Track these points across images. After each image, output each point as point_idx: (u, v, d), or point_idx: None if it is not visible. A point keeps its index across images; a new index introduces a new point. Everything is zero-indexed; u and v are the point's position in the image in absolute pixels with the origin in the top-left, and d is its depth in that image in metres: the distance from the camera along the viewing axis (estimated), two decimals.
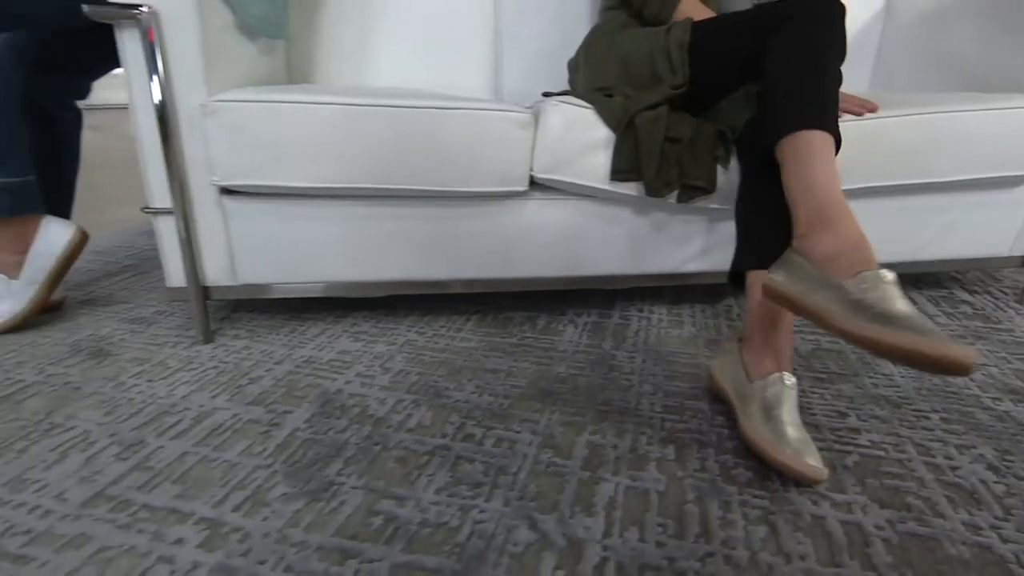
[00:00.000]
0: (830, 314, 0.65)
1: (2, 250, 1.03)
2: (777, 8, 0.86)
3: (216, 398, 0.87)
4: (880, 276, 0.64)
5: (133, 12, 0.84)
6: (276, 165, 0.91)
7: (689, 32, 1.00)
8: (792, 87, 0.81)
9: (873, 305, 0.62)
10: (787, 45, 0.84)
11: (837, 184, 0.73)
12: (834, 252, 0.69)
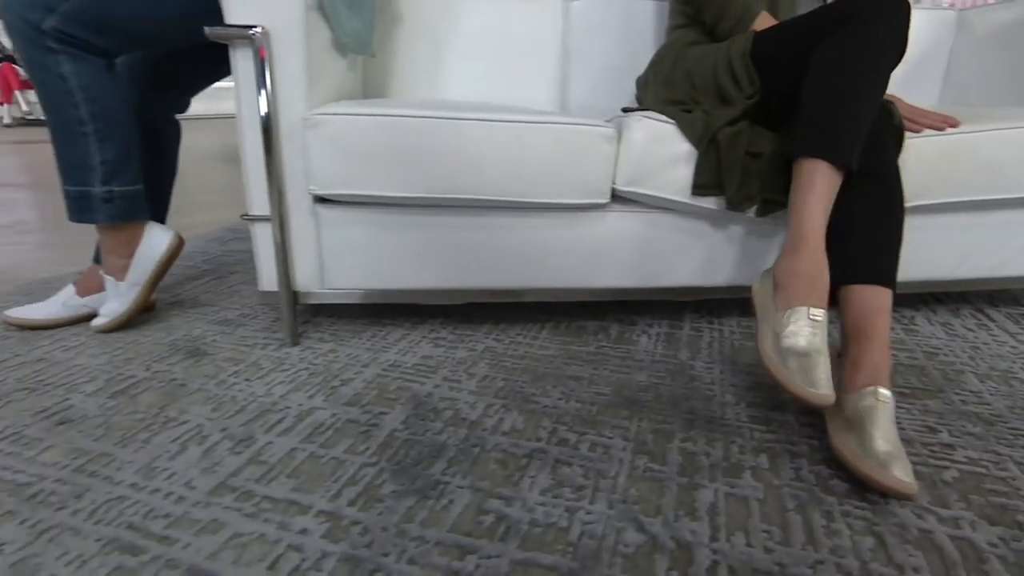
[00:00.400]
0: (760, 335, 0.85)
1: (112, 254, 1.09)
2: (840, 6, 0.87)
3: (312, 398, 0.91)
4: (805, 313, 0.79)
5: (249, 32, 0.89)
6: (371, 175, 0.96)
7: (751, 41, 1.02)
8: (816, 110, 0.87)
9: (783, 337, 0.79)
10: (829, 56, 0.86)
11: (820, 217, 0.85)
12: (789, 277, 0.84)
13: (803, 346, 0.81)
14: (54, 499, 0.68)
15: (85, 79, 0.95)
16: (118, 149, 1.02)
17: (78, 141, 0.98)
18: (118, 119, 1.00)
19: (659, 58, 1.22)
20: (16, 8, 0.90)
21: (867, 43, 0.84)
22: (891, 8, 0.84)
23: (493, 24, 1.42)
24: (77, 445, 0.78)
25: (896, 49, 0.85)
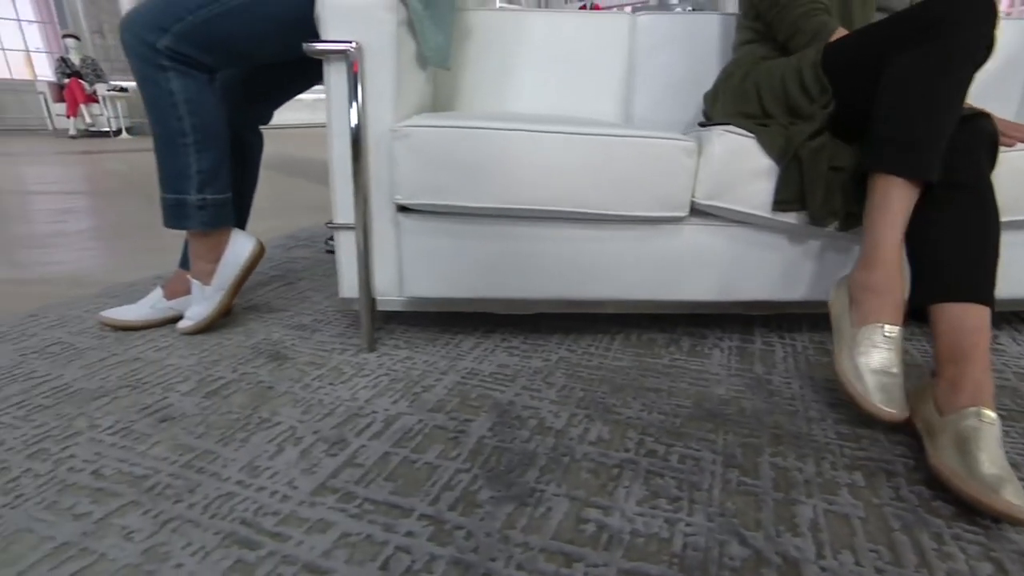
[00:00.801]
0: (836, 350, 0.89)
1: (200, 259, 1.14)
2: (922, 11, 0.86)
3: (397, 403, 0.92)
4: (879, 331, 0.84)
5: (345, 47, 0.92)
6: (454, 185, 0.98)
7: (821, 51, 1.01)
8: (892, 121, 0.87)
9: (857, 354, 0.84)
10: (907, 64, 0.85)
11: (896, 233, 0.86)
12: (863, 293, 0.87)
13: (877, 364, 0.83)
14: (170, 492, 0.71)
15: (190, 94, 1.00)
16: (213, 159, 1.06)
17: (179, 152, 1.03)
18: (216, 131, 1.05)
19: (728, 72, 1.22)
20: (135, 29, 0.95)
21: (952, 50, 0.83)
22: (981, 12, 0.82)
23: (560, 38, 1.44)
24: (181, 442, 0.81)
25: (982, 57, 0.84)
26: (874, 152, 0.88)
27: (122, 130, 7.31)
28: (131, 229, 2.17)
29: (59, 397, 0.93)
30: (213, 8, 0.95)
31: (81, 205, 2.67)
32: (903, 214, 0.87)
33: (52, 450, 0.79)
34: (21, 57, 9.36)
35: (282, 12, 0.98)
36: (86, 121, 7.02)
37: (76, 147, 5.80)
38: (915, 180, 0.85)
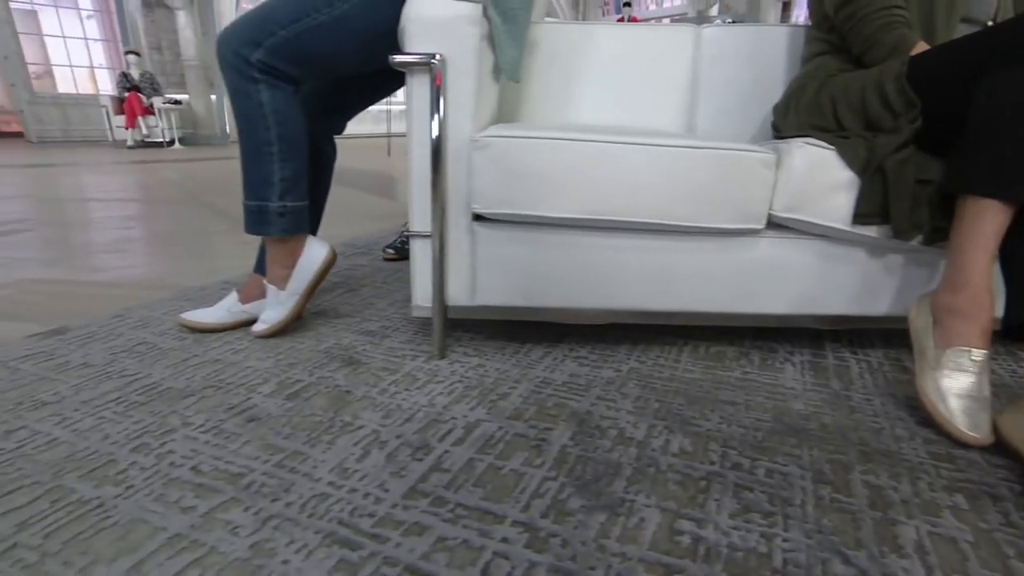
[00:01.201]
0: (918, 369, 0.92)
1: (276, 264, 1.17)
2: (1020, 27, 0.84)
3: (474, 410, 0.93)
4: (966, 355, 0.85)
5: (429, 60, 0.94)
6: (534, 196, 0.99)
7: (906, 64, 0.99)
8: (986, 141, 0.85)
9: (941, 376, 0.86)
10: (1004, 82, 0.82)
11: (985, 257, 0.85)
12: (948, 316, 0.88)
13: (963, 388, 0.83)
14: (266, 490, 0.73)
15: (278, 105, 1.03)
16: (295, 168, 1.09)
17: (264, 160, 1.06)
18: (299, 141, 1.08)
19: (800, 85, 1.20)
20: (231, 44, 0.99)
21: None
22: None
23: (624, 51, 1.44)
24: (270, 442, 0.83)
25: None
26: (966, 172, 0.86)
27: (175, 140, 7.59)
28: (192, 235, 2.24)
29: (151, 395, 0.97)
30: (304, 23, 0.99)
31: (143, 212, 2.78)
32: (995, 237, 0.85)
33: (152, 445, 0.82)
34: (86, 73, 9.83)
35: (368, 27, 1.01)
36: (142, 132, 7.31)
37: (133, 157, 6.04)
38: (1010, 202, 0.83)
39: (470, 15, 0.96)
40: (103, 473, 0.76)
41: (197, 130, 8.26)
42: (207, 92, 8.27)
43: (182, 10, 7.66)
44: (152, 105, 7.32)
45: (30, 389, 0.99)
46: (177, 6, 7.58)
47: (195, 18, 7.91)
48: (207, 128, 8.38)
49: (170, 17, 8.00)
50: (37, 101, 8.02)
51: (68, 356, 1.12)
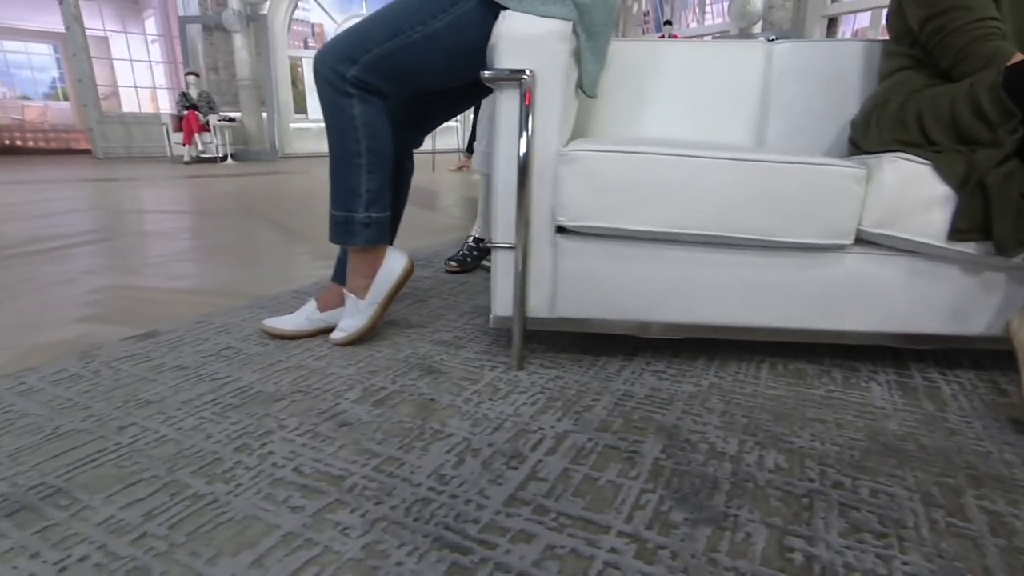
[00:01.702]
0: None
1: (358, 274, 1.20)
2: None
3: (561, 421, 0.93)
4: None
5: (521, 75, 0.96)
6: (620, 209, 0.99)
7: (1003, 74, 0.96)
8: None
9: None
10: None
11: None
12: None
13: None
14: (369, 493, 0.74)
15: (368, 118, 1.07)
16: (381, 180, 1.13)
17: (353, 171, 1.10)
18: (386, 154, 1.11)
19: (882, 100, 1.18)
20: (328, 60, 1.04)
21: None
22: None
23: (694, 67, 1.45)
24: (364, 446, 0.85)
25: None
26: None
27: (227, 156, 7.87)
28: (254, 246, 2.32)
29: (244, 398, 1.00)
30: (397, 41, 1.02)
31: (205, 224, 2.88)
32: None
33: (253, 446, 0.85)
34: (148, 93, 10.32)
35: (457, 44, 1.04)
36: (198, 148, 7.60)
37: (190, 171, 6.29)
38: None
39: (560, 31, 0.97)
40: (212, 471, 0.79)
41: (248, 146, 8.55)
42: (258, 110, 8.57)
43: (239, 33, 7.99)
44: (208, 122, 7.62)
45: (133, 388, 1.03)
46: (235, 29, 7.91)
47: (250, 40, 8.23)
48: (257, 144, 8.66)
49: (227, 39, 8.34)
50: (105, 120, 8.44)
51: (162, 358, 1.17)
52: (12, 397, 1.00)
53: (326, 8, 9.70)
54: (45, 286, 1.74)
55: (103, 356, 1.18)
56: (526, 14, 0.97)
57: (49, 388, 1.04)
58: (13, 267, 1.97)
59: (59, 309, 1.52)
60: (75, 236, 2.56)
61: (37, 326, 1.39)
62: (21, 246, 2.33)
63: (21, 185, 4.79)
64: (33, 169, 6.68)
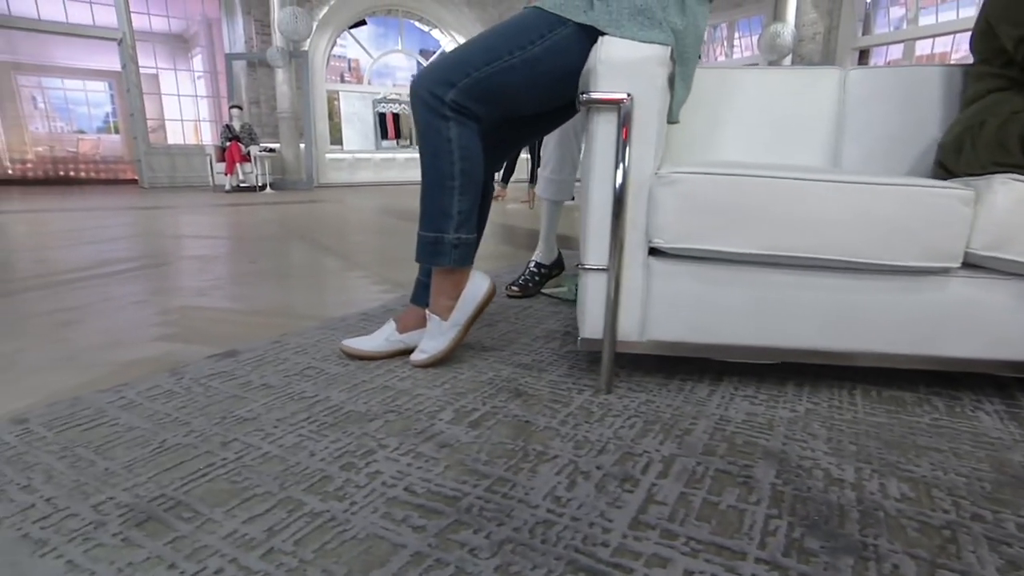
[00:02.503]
0: None
1: (442, 295, 1.20)
2: None
3: (664, 444, 0.91)
4: None
5: (621, 100, 0.97)
6: (719, 231, 0.98)
7: None
8: None
9: None
10: None
11: None
12: None
13: None
14: (488, 514, 0.72)
15: (464, 140, 1.09)
16: (471, 202, 1.14)
17: (445, 193, 1.11)
18: (478, 176, 1.13)
19: (977, 122, 1.17)
20: (427, 85, 1.06)
21: None
22: None
23: (766, 93, 1.45)
24: (471, 467, 0.84)
25: None
26: None
27: (267, 185, 8.07)
28: (310, 270, 2.35)
29: (337, 416, 1.00)
30: (496, 65, 1.04)
31: (258, 248, 2.94)
32: None
33: (358, 464, 0.84)
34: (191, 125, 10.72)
35: (554, 68, 1.06)
36: (239, 178, 7.83)
37: (233, 200, 6.46)
38: None
39: (660, 56, 0.98)
40: (322, 488, 0.78)
41: (285, 175, 8.77)
42: (296, 141, 8.81)
43: (281, 68, 8.28)
44: (249, 153, 7.85)
45: (227, 405, 1.04)
46: (278, 65, 8.20)
47: (291, 74, 8.52)
48: (294, 174, 8.89)
49: (269, 74, 8.65)
50: (152, 152, 8.76)
51: (247, 377, 1.18)
52: (116, 411, 1.01)
53: (363, 44, 10.03)
54: (120, 307, 1.78)
55: (191, 373, 1.19)
56: (625, 39, 0.99)
57: (147, 403, 1.05)
58: (88, 288, 2.02)
59: (138, 329, 1.55)
60: (137, 260, 2.63)
61: (122, 344, 1.41)
62: (90, 268, 2.40)
63: (79, 212, 4.97)
64: (86, 198, 6.93)
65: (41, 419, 0.98)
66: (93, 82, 12.31)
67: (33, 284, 2.09)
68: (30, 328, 1.55)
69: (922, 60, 8.04)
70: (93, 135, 12.80)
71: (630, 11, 1.00)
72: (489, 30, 1.09)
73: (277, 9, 8.02)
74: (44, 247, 2.97)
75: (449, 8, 9.94)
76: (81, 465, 0.84)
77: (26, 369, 1.25)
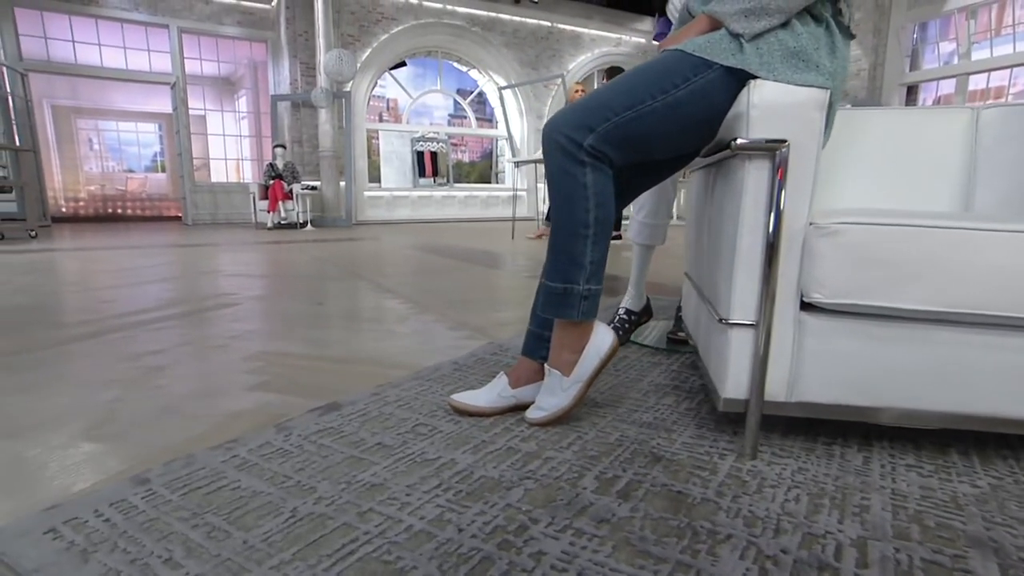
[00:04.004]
0: None
1: (565, 349, 1.15)
2: None
3: (844, 524, 0.83)
4: None
5: (780, 145, 0.92)
6: (886, 286, 0.92)
7: None
8: None
9: None
10: None
11: None
12: None
13: None
14: None
15: (599, 187, 1.05)
16: (603, 252, 1.09)
17: (578, 241, 1.07)
18: (610, 224, 1.08)
19: None
20: (564, 129, 1.03)
21: None
22: None
23: (893, 133, 1.39)
24: (641, 548, 0.77)
25: None
26: None
27: (307, 222, 8.23)
28: (377, 312, 2.32)
29: (471, 484, 0.94)
30: (638, 110, 1.01)
31: (319, 287, 2.94)
32: None
33: (516, 543, 0.78)
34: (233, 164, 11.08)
35: (696, 112, 1.02)
36: (281, 215, 7.99)
37: (277, 237, 6.58)
38: None
39: (818, 100, 0.94)
40: (485, 572, 0.72)
41: (324, 213, 8.95)
42: (336, 179, 9.01)
43: (325, 108, 8.54)
44: (292, 191, 8.04)
45: (347, 468, 0.99)
46: (322, 105, 8.46)
47: (334, 114, 8.77)
48: (334, 211, 9.06)
49: (312, 115, 8.92)
50: (197, 190, 9.05)
51: (357, 434, 1.13)
52: (233, 471, 0.97)
53: (402, 84, 10.31)
54: (201, 351, 1.76)
55: (298, 429, 1.15)
56: (779, 82, 0.95)
57: (262, 463, 1.01)
58: (164, 330, 2.02)
59: (226, 376, 1.52)
60: (201, 300, 2.64)
61: (216, 394, 1.39)
62: (158, 309, 2.41)
63: (131, 250, 5.10)
64: (135, 234, 7.15)
65: (162, 480, 0.94)
66: (144, 123, 12.90)
67: (110, 325, 2.10)
68: (120, 374, 1.54)
69: (976, 95, 7.92)
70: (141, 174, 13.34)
71: (782, 53, 0.96)
72: (629, 74, 1.06)
73: (323, 52, 8.32)
74: (106, 286, 3.02)
75: (487, 49, 10.19)
76: (218, 536, 0.79)
77: (130, 422, 1.22)
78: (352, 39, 9.07)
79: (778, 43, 0.97)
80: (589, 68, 11.20)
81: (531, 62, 10.64)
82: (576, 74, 10.90)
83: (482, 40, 10.11)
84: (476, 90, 10.88)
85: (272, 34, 9.10)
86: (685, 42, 1.03)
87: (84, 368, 1.59)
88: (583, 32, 11.03)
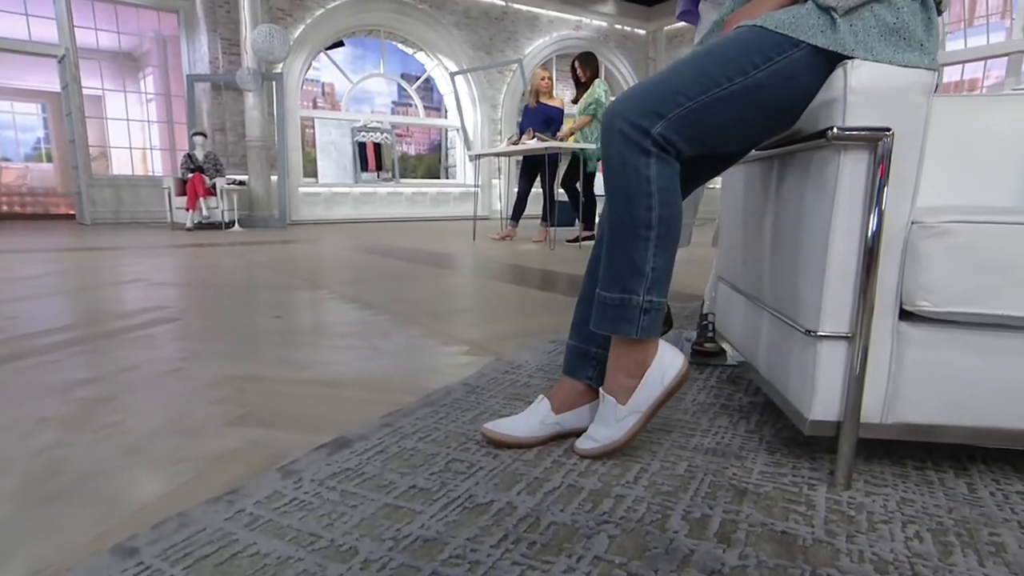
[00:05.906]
0: None
1: (621, 372, 1.09)
2: None
3: (988, 567, 0.80)
4: None
5: (884, 134, 0.90)
6: (1008, 292, 0.90)
7: None
8: None
9: None
10: None
11: None
12: None
13: None
14: None
15: (664, 182, 1.00)
16: (667, 258, 1.04)
17: (638, 244, 1.02)
18: (676, 227, 1.04)
19: None
20: (629, 116, 0.97)
21: None
22: None
23: (956, 127, 1.41)
24: None
25: None
26: None
27: (234, 222, 7.89)
28: (347, 325, 2.21)
29: (543, 533, 0.87)
30: (713, 94, 0.97)
31: (273, 298, 2.79)
32: None
33: None
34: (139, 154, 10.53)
35: (778, 96, 0.99)
36: (202, 214, 7.64)
37: (200, 239, 6.26)
38: None
39: (925, 83, 0.92)
40: None
41: (254, 211, 8.61)
42: (267, 173, 8.69)
43: (252, 92, 8.22)
44: (215, 186, 7.69)
45: (385, 520, 0.90)
46: (249, 88, 8.14)
47: (263, 100, 8.46)
48: (264, 210, 8.73)
49: (237, 99, 8.58)
50: (95, 183, 8.53)
51: (384, 476, 1.04)
52: (243, 532, 0.87)
53: (340, 66, 10.07)
54: (153, 378, 1.62)
55: (309, 473, 1.05)
56: (880, 63, 0.92)
57: (278, 519, 0.90)
58: (96, 353, 1.85)
59: (191, 408, 1.39)
60: (132, 315, 2.46)
61: (189, 430, 1.26)
62: (81, 327, 2.22)
63: (26, 255, 4.74)
64: (22, 236, 6.67)
65: (154, 549, 0.83)
66: (23, 103, 12.06)
67: (22, 348, 1.90)
68: (52, 410, 1.38)
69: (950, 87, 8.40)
70: (19, 163, 12.48)
71: (880, 30, 0.94)
72: (696, 54, 1.01)
73: (249, 27, 8.01)
74: (4, 299, 2.77)
75: (436, 30, 10.09)
76: None
77: (81, 474, 1.08)
78: (283, 13, 8.79)
79: (875, 18, 0.94)
80: (547, 53, 11.27)
81: (484, 45, 10.60)
82: (534, 59, 10.93)
83: (430, 19, 9.99)
84: (423, 75, 10.75)
85: (185, 3, 8.68)
86: (763, 16, 1.00)
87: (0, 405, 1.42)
88: (540, 13, 11.08)
